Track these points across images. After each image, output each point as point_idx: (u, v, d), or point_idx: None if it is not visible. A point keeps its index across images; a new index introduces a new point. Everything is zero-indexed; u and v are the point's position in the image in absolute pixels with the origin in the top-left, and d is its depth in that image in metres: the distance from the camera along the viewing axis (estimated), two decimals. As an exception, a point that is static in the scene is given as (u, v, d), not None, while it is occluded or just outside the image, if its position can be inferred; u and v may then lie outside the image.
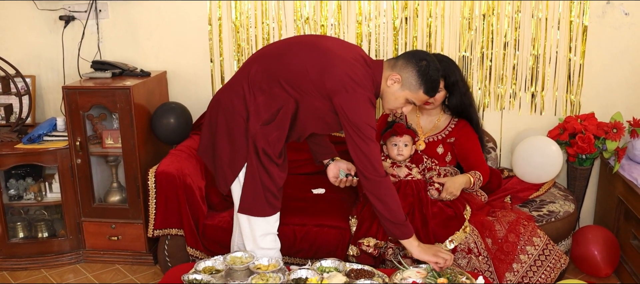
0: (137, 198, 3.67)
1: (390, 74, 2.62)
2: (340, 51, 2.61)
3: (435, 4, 3.69)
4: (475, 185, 3.20)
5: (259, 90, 2.60)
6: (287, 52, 2.63)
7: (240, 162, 2.66)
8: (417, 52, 2.67)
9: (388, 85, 2.63)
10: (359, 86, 2.53)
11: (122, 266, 3.77)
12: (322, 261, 2.64)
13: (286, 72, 2.57)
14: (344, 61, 2.56)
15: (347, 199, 3.38)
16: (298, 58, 2.58)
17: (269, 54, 2.67)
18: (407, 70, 2.60)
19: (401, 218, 2.62)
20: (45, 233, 3.86)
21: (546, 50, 3.70)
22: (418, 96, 2.65)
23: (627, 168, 3.51)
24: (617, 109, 3.70)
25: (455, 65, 3.26)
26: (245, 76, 2.65)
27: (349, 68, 2.55)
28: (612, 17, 3.63)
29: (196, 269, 2.60)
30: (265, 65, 2.62)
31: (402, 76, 2.61)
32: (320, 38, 2.79)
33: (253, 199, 2.68)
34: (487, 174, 3.28)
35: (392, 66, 2.64)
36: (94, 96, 3.57)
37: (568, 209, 3.30)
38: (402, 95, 2.64)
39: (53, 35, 4.04)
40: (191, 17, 3.91)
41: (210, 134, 2.75)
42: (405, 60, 2.62)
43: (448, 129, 3.30)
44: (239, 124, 2.63)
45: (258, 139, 2.60)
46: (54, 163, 3.68)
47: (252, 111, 2.60)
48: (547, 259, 3.00)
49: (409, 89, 2.62)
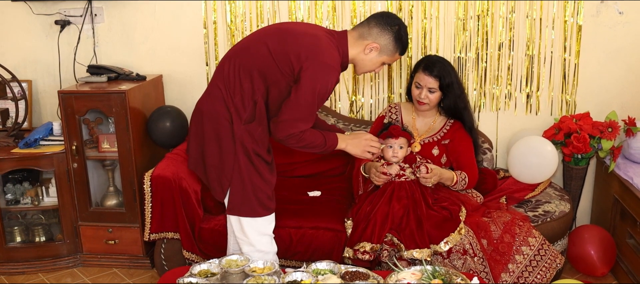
0: (134, 202, 3.67)
1: (367, 43, 2.72)
2: (303, 28, 2.72)
3: (430, 5, 3.70)
4: (458, 184, 3.18)
5: (234, 88, 2.65)
6: (253, 43, 2.70)
7: (230, 165, 2.68)
8: (387, 17, 2.77)
9: (365, 53, 2.74)
10: (324, 54, 2.60)
11: (119, 270, 3.78)
12: (317, 263, 2.64)
13: (255, 62, 2.64)
14: (305, 34, 2.65)
15: (343, 201, 3.39)
16: (263, 45, 2.65)
17: (238, 50, 2.73)
18: (384, 37, 2.73)
19: (321, 145, 2.74)
20: (43, 237, 3.86)
21: (541, 51, 3.71)
22: (394, 58, 2.82)
23: (623, 167, 3.52)
24: (612, 108, 3.70)
25: (451, 67, 3.25)
26: (220, 76, 2.71)
27: (312, 39, 2.63)
28: (606, 16, 3.64)
29: (192, 272, 2.60)
30: (236, 60, 2.68)
31: (380, 43, 2.73)
32: (283, 23, 2.88)
33: (242, 199, 2.71)
34: (475, 178, 3.25)
35: (363, 35, 2.74)
36: (90, 100, 3.57)
37: (564, 209, 3.31)
38: (379, 60, 2.79)
39: (49, 40, 4.05)
40: (186, 21, 3.92)
41: (198, 145, 2.76)
42: (380, 28, 2.72)
43: (443, 131, 3.31)
44: (225, 127, 2.67)
45: (245, 140, 2.65)
46: (50, 167, 3.68)
47: (233, 111, 2.65)
48: (542, 259, 3.00)
49: (386, 54, 2.77)
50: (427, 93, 3.21)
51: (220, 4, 3.85)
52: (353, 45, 2.74)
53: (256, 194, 2.70)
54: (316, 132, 2.75)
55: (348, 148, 2.87)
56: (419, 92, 3.23)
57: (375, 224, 2.95)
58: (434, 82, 3.18)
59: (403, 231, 2.93)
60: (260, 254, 2.78)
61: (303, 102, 2.59)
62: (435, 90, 3.20)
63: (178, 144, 3.71)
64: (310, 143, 2.71)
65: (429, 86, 3.19)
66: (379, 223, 2.95)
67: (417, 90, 3.24)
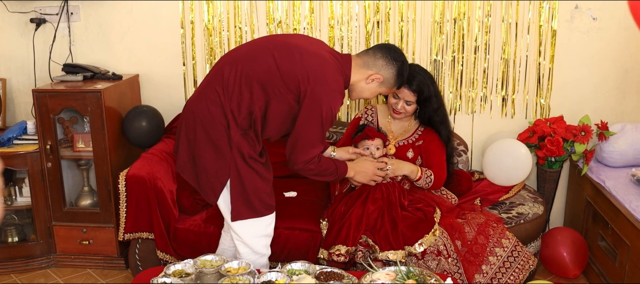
0: (109, 202, 3.65)
1: (371, 73, 2.74)
2: (309, 46, 2.69)
3: (407, 6, 3.72)
4: (422, 180, 3.16)
5: (232, 94, 2.59)
6: (259, 53, 2.64)
7: (226, 171, 2.63)
8: (393, 51, 2.80)
9: (367, 82, 2.77)
10: (330, 78, 2.61)
11: (94, 271, 3.75)
12: (292, 263, 2.64)
13: (259, 73, 2.58)
14: (313, 55, 2.63)
15: (319, 202, 3.39)
16: (270, 57, 2.60)
17: (241, 56, 2.66)
18: (388, 70, 2.76)
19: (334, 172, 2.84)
20: (15, 238, 3.82)
21: (516, 55, 3.75)
22: (391, 90, 2.91)
23: (595, 170, 3.57)
24: (585, 112, 3.75)
25: (431, 80, 3.18)
26: (218, 79, 2.62)
27: (320, 60, 2.62)
28: (580, 21, 3.69)
29: (166, 272, 2.59)
30: (239, 67, 2.61)
31: (384, 75, 2.76)
32: (289, 36, 2.83)
33: (244, 203, 2.67)
34: (442, 179, 3.22)
35: (368, 64, 2.75)
36: (64, 99, 3.54)
37: (537, 211, 3.34)
38: (378, 90, 2.83)
39: (24, 38, 4.01)
40: (163, 20, 3.90)
41: (189, 147, 2.68)
42: (385, 61, 2.76)
43: (418, 132, 3.31)
44: (221, 132, 2.60)
45: (242, 145, 2.61)
46: (24, 167, 3.65)
47: (230, 117, 2.59)
48: (516, 260, 3.03)
49: (386, 86, 2.82)
50: (404, 105, 3.17)
51: (198, 3, 3.84)
52: (356, 72, 2.74)
53: (258, 194, 2.67)
54: (328, 159, 2.84)
55: (356, 177, 2.99)
56: (396, 103, 3.18)
57: (350, 226, 2.95)
58: (412, 96, 3.14)
59: (378, 232, 2.94)
60: (256, 257, 2.77)
61: (313, 124, 2.60)
62: (413, 103, 3.18)
63: (154, 144, 3.68)
64: (325, 169, 2.78)
65: (406, 98, 3.15)
66: (354, 224, 2.96)
67: (394, 100, 3.19)
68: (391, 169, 3.10)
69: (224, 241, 3.03)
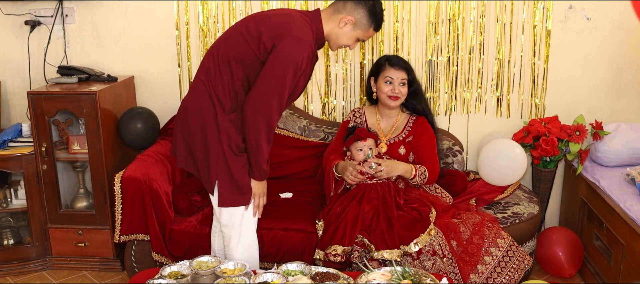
0: (104, 204, 3.64)
1: (341, 16, 2.74)
2: (277, 11, 2.78)
3: (402, 6, 3.72)
4: (417, 177, 3.19)
5: (215, 79, 2.67)
6: (232, 34, 2.73)
7: (215, 158, 2.68)
8: None
9: (340, 27, 2.75)
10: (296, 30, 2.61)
11: (90, 273, 3.74)
12: (288, 264, 2.64)
13: (234, 51, 2.65)
14: (279, 15, 2.70)
15: (314, 203, 3.40)
16: (242, 33, 2.67)
17: (220, 43, 2.75)
18: (358, 11, 2.74)
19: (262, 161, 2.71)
20: (11, 240, 3.81)
21: (511, 55, 3.76)
22: (368, 33, 2.83)
23: (590, 170, 3.58)
24: (580, 112, 3.77)
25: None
26: (203, 70, 2.74)
27: (285, 18, 2.66)
28: (574, 22, 3.70)
29: (162, 274, 2.59)
30: (216, 52, 2.71)
31: (355, 16, 2.74)
32: (257, 13, 2.87)
33: (231, 190, 2.71)
34: (436, 173, 3.26)
35: (338, 10, 2.76)
36: (59, 101, 3.54)
37: (532, 211, 3.35)
38: (354, 34, 2.79)
39: (19, 41, 4.00)
40: (158, 22, 3.90)
41: (185, 141, 2.76)
42: (354, 2, 2.74)
43: (407, 128, 3.34)
44: (209, 120, 2.67)
45: (230, 132, 2.66)
46: (19, 169, 3.64)
47: (217, 103, 2.65)
48: (511, 260, 3.04)
49: (360, 29, 2.78)
50: (399, 86, 3.26)
51: (193, 5, 3.84)
52: (327, 21, 2.76)
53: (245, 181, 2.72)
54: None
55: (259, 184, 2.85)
56: (391, 88, 3.27)
57: (346, 226, 2.96)
58: (405, 74, 3.28)
59: (373, 231, 2.95)
60: (245, 252, 2.81)
61: (271, 75, 2.57)
62: (406, 82, 3.28)
63: (149, 145, 3.68)
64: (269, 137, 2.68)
65: (401, 77, 3.27)
66: (350, 224, 2.96)
67: (388, 86, 3.27)
68: (385, 171, 3.11)
69: (214, 244, 3.04)
